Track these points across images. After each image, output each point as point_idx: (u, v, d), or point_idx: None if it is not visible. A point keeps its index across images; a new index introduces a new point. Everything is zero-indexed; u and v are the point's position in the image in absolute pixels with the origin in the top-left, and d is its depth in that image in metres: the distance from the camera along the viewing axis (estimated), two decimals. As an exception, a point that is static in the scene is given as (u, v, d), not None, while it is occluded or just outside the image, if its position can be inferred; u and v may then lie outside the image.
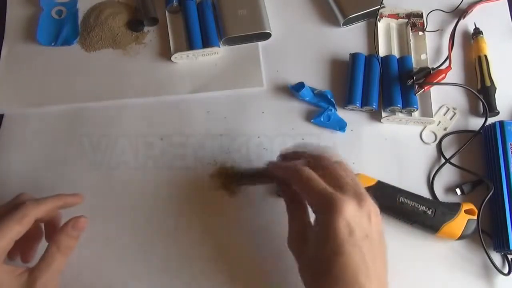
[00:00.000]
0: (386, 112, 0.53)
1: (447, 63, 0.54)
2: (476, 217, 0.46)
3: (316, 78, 0.55)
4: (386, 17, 0.58)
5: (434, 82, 0.52)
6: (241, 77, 0.55)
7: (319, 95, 0.54)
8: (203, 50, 0.55)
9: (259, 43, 0.57)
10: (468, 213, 0.46)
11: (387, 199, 0.46)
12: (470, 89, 0.52)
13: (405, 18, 0.58)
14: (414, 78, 0.52)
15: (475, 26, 0.58)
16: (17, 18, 0.59)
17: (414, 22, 0.58)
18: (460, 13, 0.59)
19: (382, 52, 0.56)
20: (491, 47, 0.56)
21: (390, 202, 0.46)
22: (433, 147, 0.52)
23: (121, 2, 0.60)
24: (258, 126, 0.53)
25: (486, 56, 0.55)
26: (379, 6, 0.57)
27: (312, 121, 0.53)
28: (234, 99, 0.55)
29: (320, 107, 0.54)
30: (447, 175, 0.51)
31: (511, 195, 0.47)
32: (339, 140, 0.52)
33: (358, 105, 0.52)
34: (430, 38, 0.57)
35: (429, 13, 0.58)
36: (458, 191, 0.50)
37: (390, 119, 0.53)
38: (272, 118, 0.54)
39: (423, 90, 0.51)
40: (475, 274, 0.46)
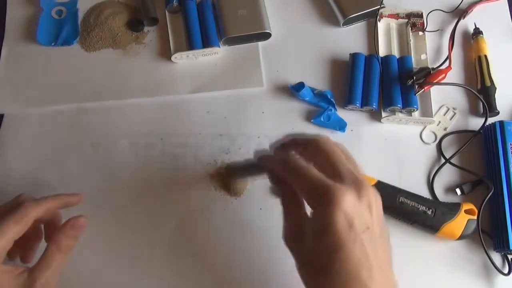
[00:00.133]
0: (386, 112, 0.53)
1: (447, 63, 0.54)
2: (476, 217, 0.46)
3: (316, 78, 0.55)
4: (386, 17, 0.58)
5: (434, 82, 0.52)
6: (241, 77, 0.55)
7: (319, 95, 0.54)
8: (203, 50, 0.55)
9: (259, 43, 0.57)
10: (468, 213, 0.46)
11: (387, 199, 0.46)
12: (470, 89, 0.52)
13: (405, 18, 0.58)
14: (414, 78, 0.52)
15: (475, 26, 0.58)
16: (17, 18, 0.59)
17: (414, 22, 0.58)
18: (460, 13, 0.59)
19: (382, 52, 0.56)
20: (491, 47, 0.56)
21: (390, 202, 0.46)
22: (433, 147, 0.52)
23: (121, 2, 0.60)
24: (258, 126, 0.53)
25: (486, 56, 0.55)
26: (379, 6, 0.57)
27: (312, 121, 0.53)
28: (234, 99, 0.55)
29: (320, 107, 0.54)
30: (447, 175, 0.51)
31: (511, 195, 0.47)
32: (339, 140, 0.50)
33: (358, 105, 0.52)
34: (430, 38, 0.57)
35: (429, 13, 0.58)
36: (458, 191, 0.50)
37: (390, 119, 0.53)
38: (272, 118, 0.54)
39: (423, 90, 0.51)
40: (475, 274, 0.47)
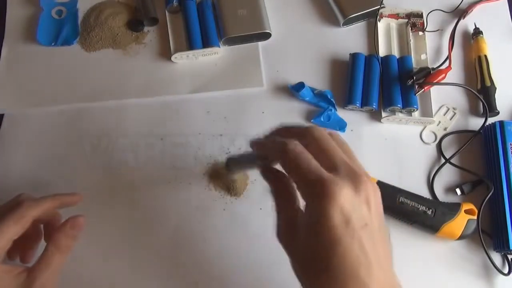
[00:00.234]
0: (386, 112, 0.53)
1: (447, 63, 0.54)
2: (476, 217, 0.46)
3: (316, 78, 0.55)
4: (386, 17, 0.58)
5: (434, 82, 0.52)
6: (241, 77, 0.55)
7: (319, 95, 0.54)
8: (203, 50, 0.55)
9: (259, 43, 0.57)
10: (468, 213, 0.46)
11: (387, 199, 0.46)
12: (470, 89, 0.52)
13: (405, 18, 0.58)
14: (414, 78, 0.52)
15: (475, 26, 0.58)
16: (17, 18, 0.59)
17: (414, 22, 0.58)
18: (460, 13, 0.59)
19: (382, 52, 0.56)
20: (491, 47, 0.56)
21: (390, 202, 0.46)
22: (433, 147, 0.52)
23: (121, 2, 0.60)
24: (258, 126, 0.53)
25: (486, 56, 0.55)
26: (379, 6, 0.57)
27: (312, 121, 0.53)
28: (234, 99, 0.55)
29: (320, 107, 0.54)
30: (447, 175, 0.51)
31: (511, 195, 0.47)
32: (339, 140, 0.52)
33: (358, 105, 0.52)
34: (430, 38, 0.57)
35: (429, 13, 0.58)
36: (458, 191, 0.50)
37: (390, 119, 0.53)
38: (272, 118, 0.53)
39: (423, 90, 0.51)
40: (475, 274, 0.46)
